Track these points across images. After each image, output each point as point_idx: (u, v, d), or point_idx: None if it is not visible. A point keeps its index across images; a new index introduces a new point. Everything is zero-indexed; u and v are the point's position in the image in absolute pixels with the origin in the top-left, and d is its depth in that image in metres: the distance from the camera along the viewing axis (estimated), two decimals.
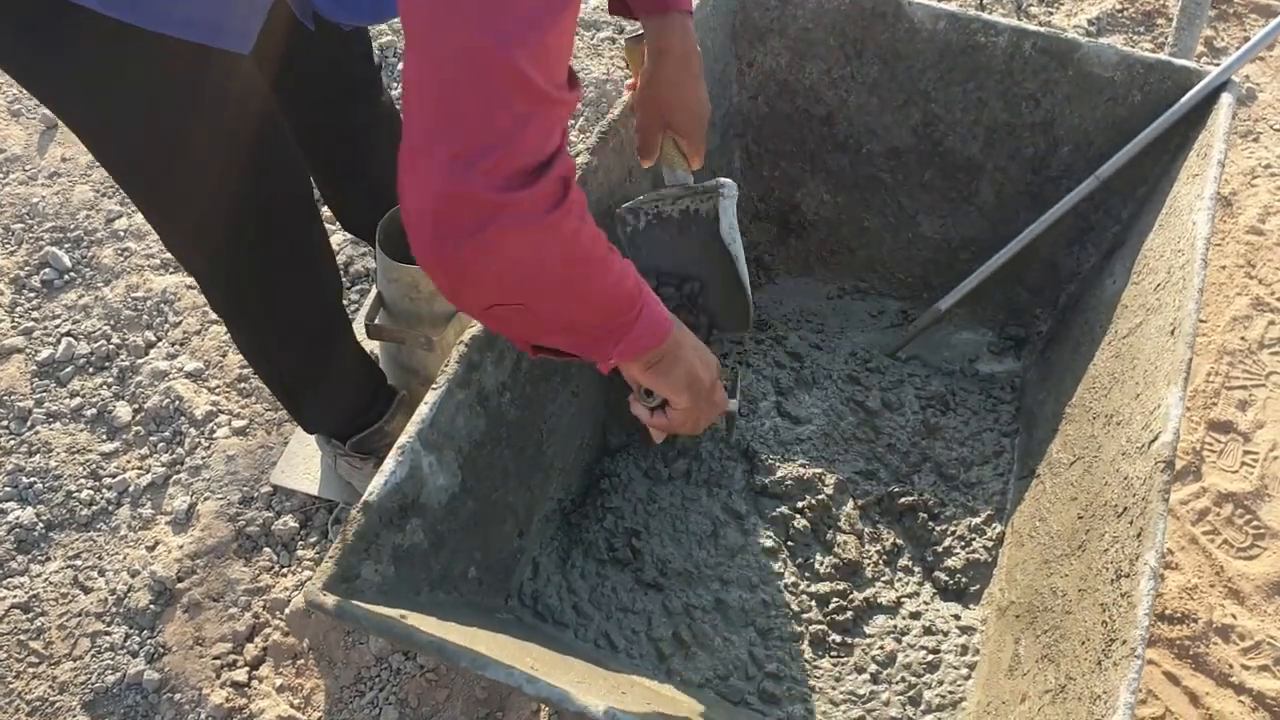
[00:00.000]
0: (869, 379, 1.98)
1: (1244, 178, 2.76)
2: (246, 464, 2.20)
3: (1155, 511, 1.27)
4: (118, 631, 1.99)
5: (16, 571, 2.06)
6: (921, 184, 2.08)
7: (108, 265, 2.55)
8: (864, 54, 1.99)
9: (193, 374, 2.35)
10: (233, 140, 1.45)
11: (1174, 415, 1.36)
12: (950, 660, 1.63)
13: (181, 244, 1.61)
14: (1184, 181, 1.71)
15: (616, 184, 1.75)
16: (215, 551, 2.08)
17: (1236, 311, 2.46)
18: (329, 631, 1.96)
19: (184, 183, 1.46)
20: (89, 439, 2.25)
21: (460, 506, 1.42)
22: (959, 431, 1.91)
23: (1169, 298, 1.54)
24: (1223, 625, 1.97)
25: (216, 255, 1.60)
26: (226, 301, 1.72)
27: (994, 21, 1.90)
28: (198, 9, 1.25)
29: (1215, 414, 2.28)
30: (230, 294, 1.69)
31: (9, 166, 2.74)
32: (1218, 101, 1.75)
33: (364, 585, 1.24)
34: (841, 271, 2.22)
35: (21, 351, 2.39)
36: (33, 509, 2.14)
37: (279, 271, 1.66)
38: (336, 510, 2.11)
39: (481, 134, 0.96)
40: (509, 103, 0.95)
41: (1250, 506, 2.13)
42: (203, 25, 1.27)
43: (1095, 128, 1.90)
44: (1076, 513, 1.50)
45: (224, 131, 1.43)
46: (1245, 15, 3.20)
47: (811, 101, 2.08)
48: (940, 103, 1.99)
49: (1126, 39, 3.12)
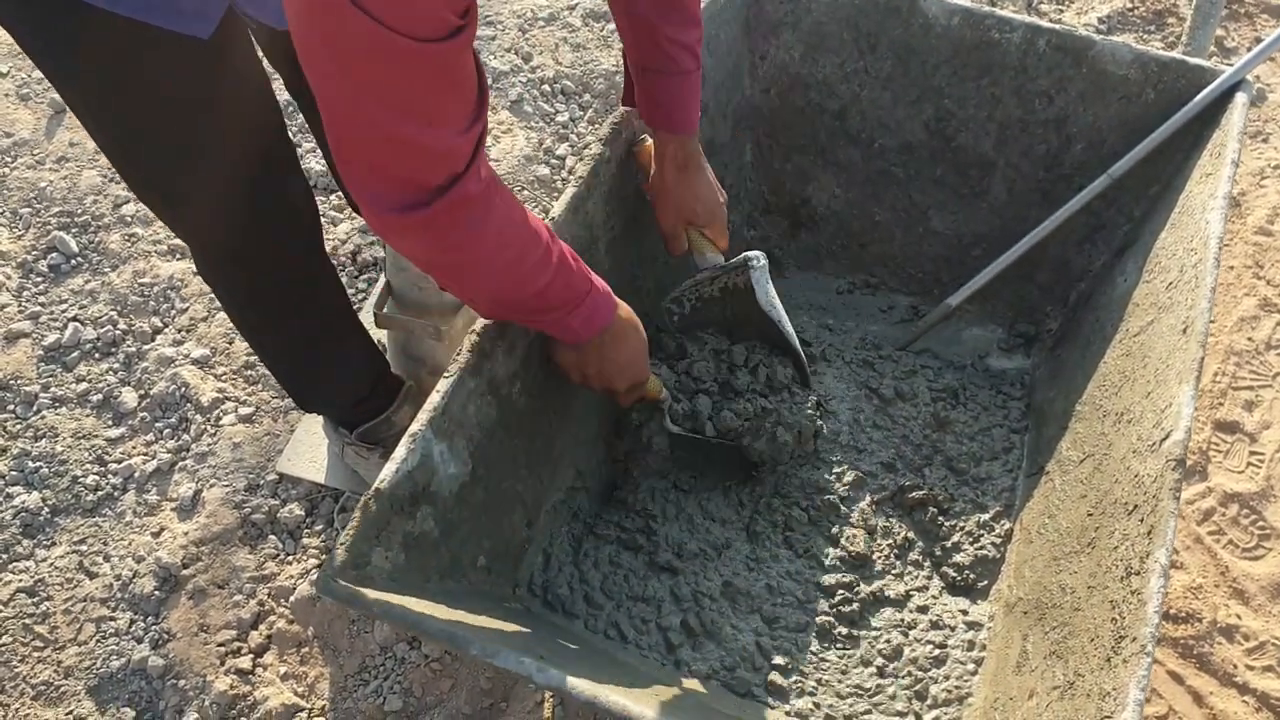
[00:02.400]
0: (882, 365, 1.99)
1: (1253, 178, 2.75)
2: (252, 451, 2.20)
3: (1166, 509, 1.27)
4: (122, 617, 1.99)
5: (22, 556, 2.06)
6: (933, 179, 2.08)
7: (115, 250, 2.55)
8: (877, 48, 1.99)
9: (199, 360, 2.35)
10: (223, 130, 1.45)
11: (1186, 414, 1.36)
12: (957, 655, 1.63)
13: (175, 228, 1.61)
14: (1197, 180, 1.71)
15: (629, 174, 1.75)
16: (220, 538, 2.08)
17: (1244, 312, 2.46)
18: (334, 619, 1.96)
19: (173, 171, 1.47)
20: (95, 424, 2.25)
21: (470, 495, 1.42)
22: (969, 426, 1.91)
23: (1181, 296, 1.54)
24: (1227, 625, 1.97)
25: (214, 240, 1.61)
26: (222, 287, 1.73)
27: (1009, 18, 1.89)
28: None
29: (1222, 414, 2.28)
30: (225, 277, 1.70)
31: (17, 151, 2.74)
32: (1232, 101, 1.74)
33: (374, 572, 1.24)
34: (852, 266, 2.21)
35: (28, 336, 2.39)
36: (38, 494, 2.13)
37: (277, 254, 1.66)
38: (343, 499, 2.11)
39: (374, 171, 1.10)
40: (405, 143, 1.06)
41: (1256, 507, 2.13)
42: (160, 8, 1.26)
43: (1108, 125, 1.90)
44: (1086, 510, 1.50)
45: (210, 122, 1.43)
46: (1256, 15, 3.20)
47: (824, 95, 2.08)
48: (953, 98, 1.99)
49: (1137, 37, 3.11)
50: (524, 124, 2.85)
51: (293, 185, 1.66)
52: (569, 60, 3.01)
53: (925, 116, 2.03)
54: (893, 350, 2.03)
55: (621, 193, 1.73)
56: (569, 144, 2.83)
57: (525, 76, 2.95)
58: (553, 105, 2.91)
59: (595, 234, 1.68)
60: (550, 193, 2.70)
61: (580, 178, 1.61)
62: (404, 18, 0.96)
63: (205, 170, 1.49)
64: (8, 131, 2.78)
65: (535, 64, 2.99)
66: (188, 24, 1.30)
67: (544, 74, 2.97)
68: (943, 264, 2.14)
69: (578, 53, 3.03)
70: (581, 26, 3.10)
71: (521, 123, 2.86)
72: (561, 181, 2.74)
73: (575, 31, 3.08)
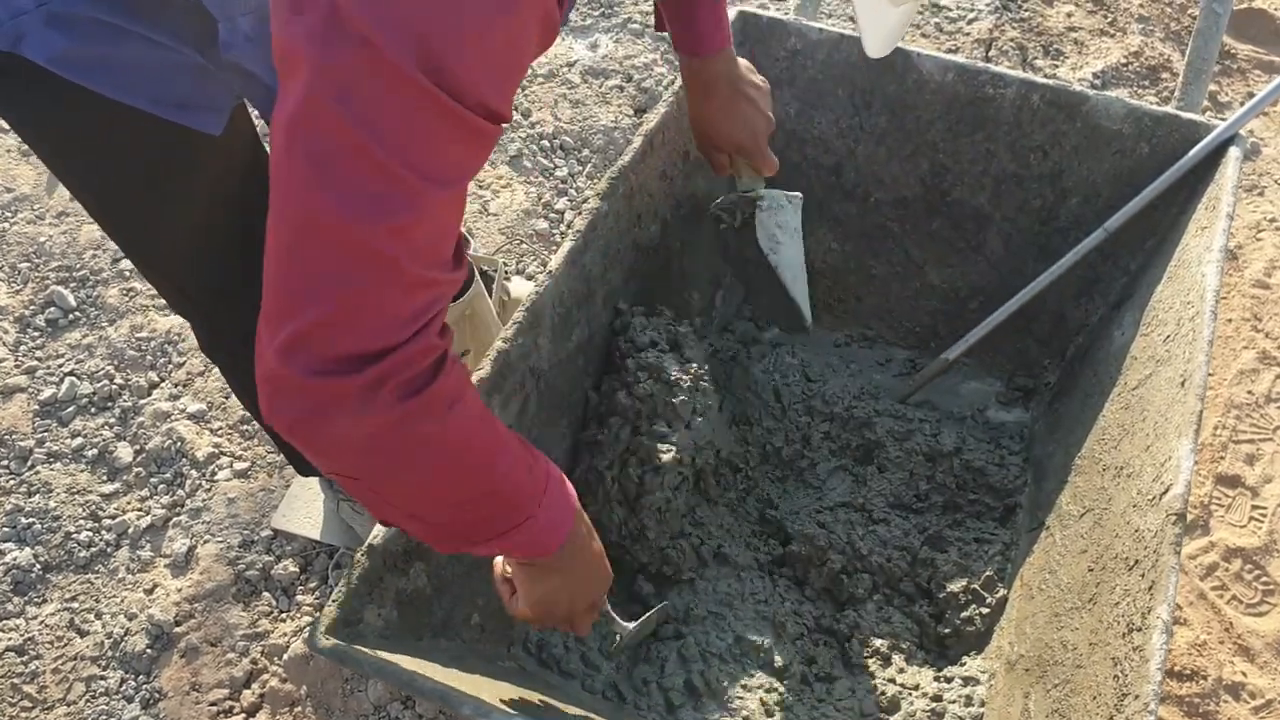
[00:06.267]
0: (881, 408, 1.99)
1: (1249, 231, 2.76)
2: (247, 507, 2.19)
3: (1167, 564, 1.26)
4: (113, 676, 1.97)
5: (12, 614, 2.04)
6: (929, 233, 2.09)
7: (112, 305, 2.55)
8: (872, 105, 2.00)
9: (195, 415, 2.34)
10: (235, 219, 1.45)
11: (1185, 467, 1.35)
12: (955, 710, 1.61)
13: (165, 294, 1.61)
14: (1192, 234, 1.71)
15: (626, 228, 1.75)
16: (214, 595, 2.06)
17: (1243, 365, 2.45)
18: (327, 679, 1.93)
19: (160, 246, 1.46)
20: (89, 480, 2.24)
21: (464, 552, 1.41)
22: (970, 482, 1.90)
23: (1179, 349, 1.54)
24: (1233, 683, 1.94)
25: (201, 311, 1.60)
26: (215, 351, 1.72)
27: (1002, 74, 1.91)
28: (166, 87, 1.24)
29: (1223, 468, 2.27)
30: (217, 343, 1.69)
31: (17, 206, 2.75)
32: (1225, 155, 1.75)
33: (366, 630, 1.22)
34: (848, 319, 2.21)
35: (24, 390, 2.38)
36: (30, 550, 2.12)
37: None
38: (337, 555, 2.09)
39: (322, 312, 0.86)
40: (358, 286, 0.86)
41: (1259, 562, 2.11)
42: (170, 103, 1.25)
43: (1103, 179, 1.91)
44: (1087, 565, 1.48)
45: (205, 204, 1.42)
46: (1249, 70, 3.23)
47: (820, 151, 2.09)
48: (948, 153, 2.00)
49: (1131, 93, 3.13)
50: (523, 179, 2.87)
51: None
52: (568, 116, 3.03)
53: (920, 171, 2.04)
54: (890, 403, 2.02)
55: (619, 245, 1.73)
56: (568, 199, 2.84)
57: (524, 132, 2.98)
58: (551, 160, 2.93)
59: (592, 287, 1.68)
60: (549, 247, 2.71)
61: (578, 231, 1.62)
62: (484, 93, 0.84)
63: (219, 272, 1.50)
64: (8, 186, 2.80)
65: (534, 119, 3.01)
66: (198, 119, 1.29)
67: (543, 129, 2.99)
68: (940, 317, 2.14)
69: (576, 109, 3.05)
70: (580, 83, 3.12)
71: (520, 178, 2.87)
72: (560, 235, 2.75)
73: (574, 88, 3.11)
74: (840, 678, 1.65)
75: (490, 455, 1.02)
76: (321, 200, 0.82)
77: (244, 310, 1.57)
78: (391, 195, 0.83)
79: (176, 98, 1.25)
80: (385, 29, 0.77)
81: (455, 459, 0.98)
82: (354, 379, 0.87)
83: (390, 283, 0.87)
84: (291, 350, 0.87)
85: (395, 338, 0.88)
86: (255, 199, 1.50)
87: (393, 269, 0.86)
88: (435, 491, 1.00)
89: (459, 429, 0.97)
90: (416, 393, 0.91)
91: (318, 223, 0.83)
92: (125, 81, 1.20)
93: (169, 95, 1.24)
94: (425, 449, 0.95)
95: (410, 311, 0.89)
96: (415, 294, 0.89)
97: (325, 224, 0.83)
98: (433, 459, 0.96)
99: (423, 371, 0.92)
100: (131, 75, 1.20)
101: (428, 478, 0.98)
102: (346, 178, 0.82)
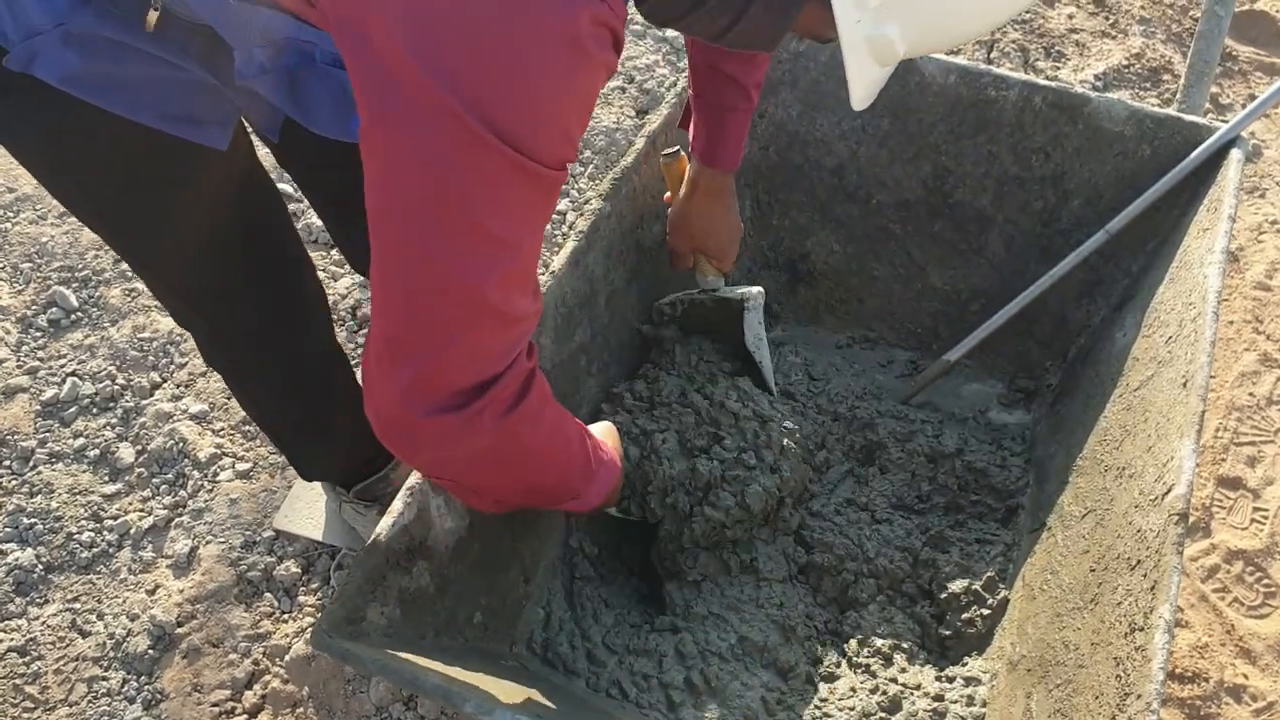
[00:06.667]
0: (883, 409, 1.99)
1: (1251, 233, 2.76)
2: (249, 507, 2.19)
3: (1169, 564, 1.26)
4: (115, 677, 1.97)
5: (14, 614, 2.04)
6: (931, 235, 2.09)
7: (115, 305, 2.55)
8: (874, 106, 2.00)
9: (197, 416, 2.34)
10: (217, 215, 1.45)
11: (1187, 468, 1.35)
12: (957, 710, 1.61)
13: (167, 303, 1.62)
14: (1194, 235, 1.72)
15: (629, 229, 1.75)
16: (216, 596, 2.06)
17: (1244, 367, 2.45)
18: (329, 679, 1.93)
19: (164, 252, 1.46)
20: (91, 480, 2.24)
21: (467, 550, 1.41)
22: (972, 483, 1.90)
23: (1181, 350, 1.54)
24: (1234, 685, 1.94)
25: (204, 314, 1.60)
26: (217, 357, 1.72)
27: (1005, 76, 1.91)
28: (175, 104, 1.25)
29: (1224, 470, 2.27)
30: (220, 351, 1.69)
31: (19, 206, 2.75)
32: (1227, 157, 1.75)
33: (369, 628, 1.23)
34: (850, 321, 2.22)
35: (26, 391, 2.38)
36: (32, 550, 2.12)
37: (267, 329, 1.65)
38: (339, 555, 2.09)
39: (439, 360, 1.02)
40: (471, 332, 1.01)
41: (1261, 564, 2.11)
42: (179, 119, 1.26)
43: (1105, 181, 1.91)
44: (1089, 565, 1.48)
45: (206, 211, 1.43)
46: (1250, 73, 3.23)
47: (822, 153, 2.09)
48: (950, 155, 2.00)
49: (1133, 94, 3.14)
50: None
51: (307, 281, 1.68)
52: None
53: (923, 173, 2.04)
54: (894, 406, 2.02)
55: (621, 246, 1.73)
56: (570, 199, 2.84)
57: None
58: None
59: (595, 287, 1.68)
60: (551, 248, 2.71)
61: (580, 232, 1.62)
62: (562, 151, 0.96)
63: (221, 272, 1.50)
64: (10, 187, 2.80)
65: None
66: (206, 134, 1.30)
67: None
68: (941, 319, 2.14)
69: None
70: None
71: None
72: (562, 236, 2.75)
73: None
74: (842, 677, 1.65)
75: (566, 447, 1.25)
76: (436, 256, 0.96)
77: (245, 309, 1.58)
78: (495, 251, 0.96)
79: (185, 114, 1.27)
80: (465, 103, 0.87)
81: (540, 457, 1.19)
82: (462, 412, 1.03)
83: (499, 326, 1.02)
84: (412, 392, 1.02)
85: (497, 369, 1.05)
86: (253, 200, 1.52)
87: (499, 314, 1.01)
88: (521, 483, 1.22)
89: (545, 431, 1.17)
90: (512, 409, 1.08)
91: (431, 276, 0.97)
92: (135, 99, 1.22)
93: (177, 111, 1.26)
94: (521, 451, 1.14)
95: (509, 345, 1.05)
96: (513, 329, 1.05)
97: (441, 279, 0.97)
98: (525, 459, 1.17)
99: (517, 390, 1.08)
100: (141, 93, 1.22)
101: (518, 474, 1.19)
102: (459, 238, 0.95)
